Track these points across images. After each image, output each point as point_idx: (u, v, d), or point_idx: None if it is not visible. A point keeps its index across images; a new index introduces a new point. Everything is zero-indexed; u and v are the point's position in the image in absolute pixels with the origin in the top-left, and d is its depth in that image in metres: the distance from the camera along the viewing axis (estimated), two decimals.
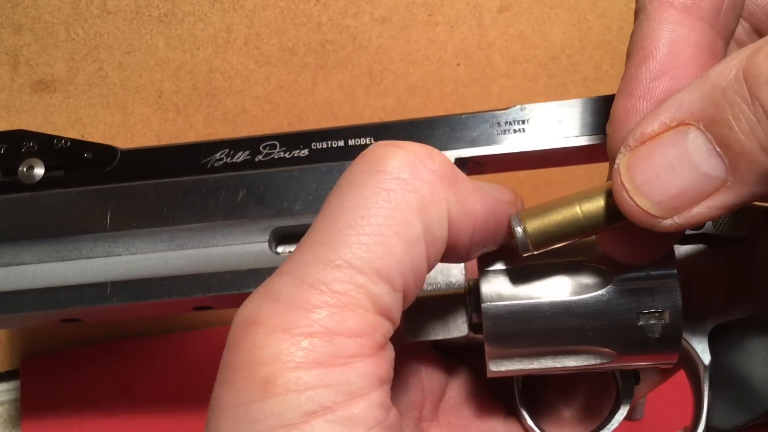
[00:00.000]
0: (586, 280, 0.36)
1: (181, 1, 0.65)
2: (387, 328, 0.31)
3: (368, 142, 0.43)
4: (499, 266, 0.37)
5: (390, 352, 0.31)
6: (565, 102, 0.42)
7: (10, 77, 0.65)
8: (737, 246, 0.40)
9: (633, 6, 0.34)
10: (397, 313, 0.31)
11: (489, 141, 0.43)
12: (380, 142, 0.33)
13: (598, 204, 0.33)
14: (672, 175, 0.29)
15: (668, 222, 0.30)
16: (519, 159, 0.43)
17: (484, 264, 0.38)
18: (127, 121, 0.67)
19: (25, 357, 0.72)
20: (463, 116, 0.44)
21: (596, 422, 0.43)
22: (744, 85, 0.27)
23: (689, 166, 0.29)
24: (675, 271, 0.36)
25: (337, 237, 0.30)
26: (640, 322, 0.36)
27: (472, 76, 0.70)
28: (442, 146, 0.43)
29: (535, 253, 0.34)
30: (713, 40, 0.32)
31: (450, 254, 0.34)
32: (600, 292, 0.36)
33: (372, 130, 0.44)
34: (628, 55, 0.33)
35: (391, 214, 0.30)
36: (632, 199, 0.30)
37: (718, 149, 0.28)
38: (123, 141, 0.68)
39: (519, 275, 0.37)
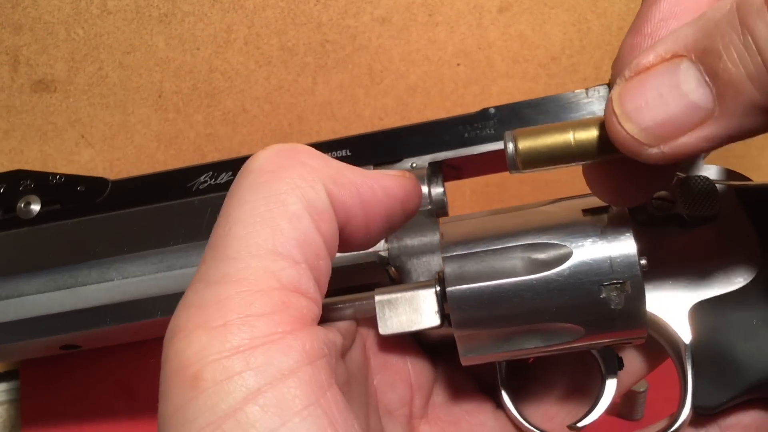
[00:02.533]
0: (546, 257, 0.37)
1: (181, 1, 0.65)
2: (302, 303, 0.32)
3: (346, 155, 0.45)
4: (462, 251, 0.38)
5: (320, 332, 0.32)
6: (533, 100, 0.43)
7: (10, 77, 0.65)
8: (710, 224, 0.40)
9: (633, 6, 0.35)
10: (310, 288, 0.32)
11: (461, 144, 0.44)
12: None
13: (590, 133, 0.33)
14: (660, 103, 0.29)
15: (654, 150, 0.30)
16: (492, 160, 0.44)
17: (446, 250, 0.38)
18: (127, 121, 0.68)
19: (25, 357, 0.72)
20: (435, 122, 0.45)
21: (584, 410, 0.43)
22: (736, 16, 0.27)
23: (678, 95, 0.29)
24: (632, 240, 0.36)
25: (227, 236, 0.32)
26: (603, 295, 0.36)
27: (472, 76, 0.70)
28: (416, 152, 0.45)
29: (523, 171, 0.34)
30: None
31: (353, 231, 0.35)
32: (560, 267, 0.36)
33: (348, 142, 0.46)
34: None
35: (267, 201, 0.32)
36: (621, 125, 0.30)
37: (707, 79, 0.28)
38: (123, 141, 0.68)
39: (481, 258, 0.38)
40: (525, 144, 0.33)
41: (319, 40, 0.67)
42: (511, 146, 0.34)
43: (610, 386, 0.42)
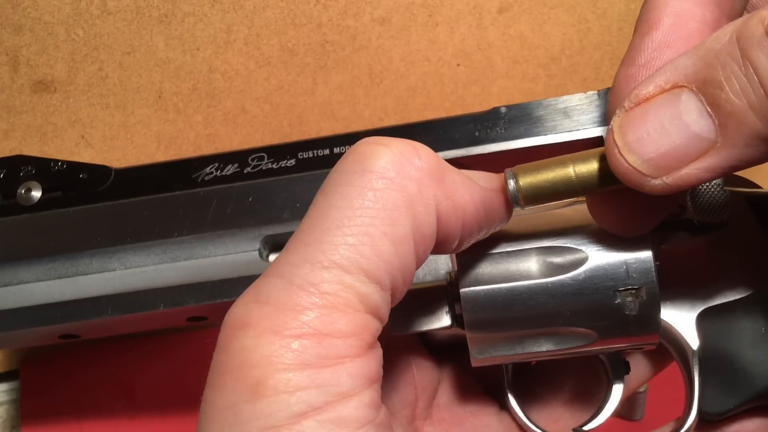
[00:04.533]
0: (562, 261, 0.37)
1: (181, 2, 0.65)
2: (376, 327, 0.31)
3: None
4: (477, 253, 0.38)
5: (379, 351, 0.32)
6: (543, 101, 0.43)
7: (10, 78, 0.65)
8: (720, 231, 0.40)
9: (633, 7, 0.35)
10: (385, 312, 0.31)
11: (470, 142, 0.44)
12: (366, 140, 0.33)
13: (591, 166, 0.33)
14: (663, 134, 0.29)
15: (657, 182, 0.30)
16: (501, 159, 0.44)
17: (461, 251, 0.38)
18: (127, 121, 0.67)
19: (25, 357, 0.72)
20: (445, 120, 0.45)
21: (589, 413, 0.43)
22: (737, 46, 0.27)
23: (680, 126, 0.29)
24: (649, 246, 0.36)
25: (323, 238, 0.30)
26: (617, 300, 0.36)
27: (472, 77, 0.70)
28: None
29: (525, 208, 0.34)
30: (718, 18, 0.33)
31: (440, 248, 0.34)
32: (576, 271, 0.36)
33: (356, 138, 0.45)
34: (635, 28, 0.34)
35: (378, 214, 0.30)
36: (623, 156, 0.30)
37: (709, 110, 0.28)
38: (123, 141, 0.68)
39: (496, 260, 0.37)
40: (526, 180, 0.33)
41: (319, 41, 0.67)
42: (512, 183, 0.34)
43: (617, 391, 0.41)
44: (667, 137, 0.29)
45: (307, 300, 0.29)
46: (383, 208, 0.30)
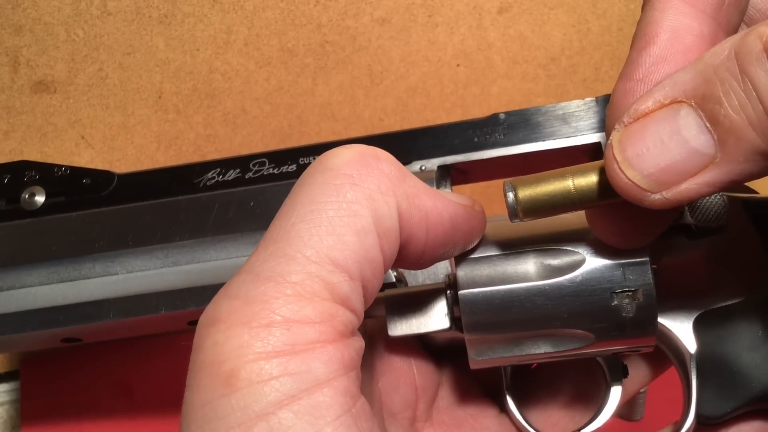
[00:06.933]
0: (560, 263, 0.37)
1: (182, 2, 0.65)
2: (347, 317, 0.31)
3: None
4: (475, 255, 0.38)
5: (356, 342, 0.32)
6: (541, 107, 0.43)
7: (11, 78, 0.65)
8: (717, 235, 0.40)
9: (633, 7, 0.35)
10: (358, 304, 0.32)
11: (469, 148, 0.44)
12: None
13: (590, 179, 0.33)
14: (662, 149, 0.29)
15: (657, 197, 0.30)
16: (500, 164, 0.44)
17: (460, 254, 0.38)
18: (127, 122, 0.68)
19: (25, 357, 0.72)
20: (445, 126, 0.45)
21: (588, 416, 0.43)
22: (735, 62, 0.28)
23: (679, 141, 0.29)
24: (645, 249, 0.36)
25: (289, 232, 0.31)
26: (614, 302, 0.36)
27: (472, 77, 0.70)
28: (425, 155, 0.45)
29: (524, 220, 0.34)
30: (715, 32, 0.33)
31: (408, 253, 0.34)
32: (573, 273, 0.36)
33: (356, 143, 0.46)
34: (632, 42, 0.34)
35: (340, 206, 0.31)
36: (622, 171, 0.30)
37: (708, 125, 0.29)
38: (123, 142, 0.68)
39: (494, 262, 0.38)
40: (525, 193, 0.33)
41: (319, 41, 0.67)
42: (511, 196, 0.34)
43: (615, 394, 0.42)
44: (667, 152, 0.29)
45: (274, 290, 0.30)
46: (344, 200, 0.31)
